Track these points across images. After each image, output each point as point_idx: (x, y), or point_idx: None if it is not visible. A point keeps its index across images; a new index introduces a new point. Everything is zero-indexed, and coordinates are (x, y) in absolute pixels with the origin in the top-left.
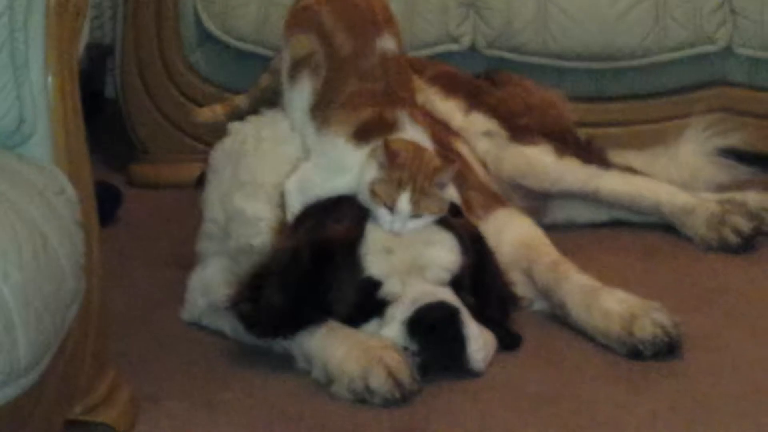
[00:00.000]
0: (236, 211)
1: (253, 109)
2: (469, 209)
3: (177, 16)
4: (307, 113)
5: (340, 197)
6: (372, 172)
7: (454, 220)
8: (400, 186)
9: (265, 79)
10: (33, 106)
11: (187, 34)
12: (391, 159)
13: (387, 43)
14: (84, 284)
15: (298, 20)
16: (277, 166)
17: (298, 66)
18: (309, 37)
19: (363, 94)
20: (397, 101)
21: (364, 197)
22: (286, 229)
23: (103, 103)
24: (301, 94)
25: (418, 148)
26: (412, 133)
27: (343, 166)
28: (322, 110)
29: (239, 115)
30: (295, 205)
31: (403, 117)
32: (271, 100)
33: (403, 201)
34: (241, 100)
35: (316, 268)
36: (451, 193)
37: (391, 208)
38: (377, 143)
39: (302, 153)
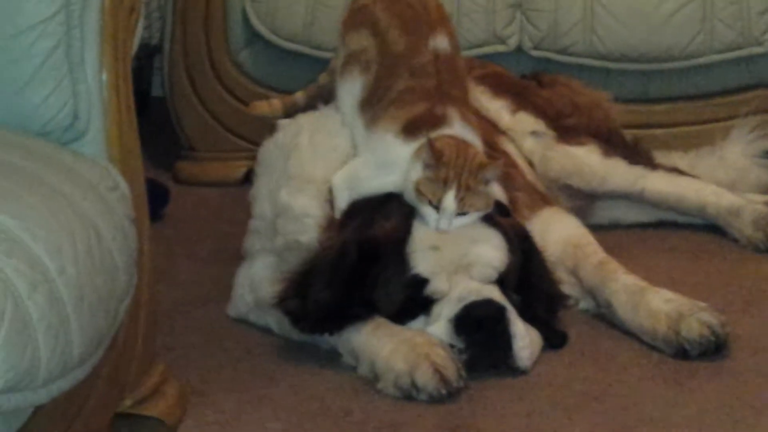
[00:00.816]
0: (283, 207)
1: (310, 107)
2: (516, 209)
3: (225, 16)
4: (357, 109)
5: (387, 195)
6: (417, 171)
7: (501, 218)
8: (445, 184)
9: (323, 78)
10: (87, 102)
11: (235, 33)
12: (436, 157)
13: (440, 42)
14: (135, 279)
15: (354, 18)
16: (329, 160)
17: (350, 61)
18: (362, 33)
19: (414, 91)
20: (448, 98)
21: (410, 196)
22: (333, 226)
23: (149, 102)
24: (351, 90)
25: (462, 145)
26: (461, 130)
27: (391, 162)
28: (372, 106)
29: (295, 112)
30: (342, 202)
31: (453, 114)
32: (327, 98)
33: (449, 199)
34: (299, 97)
35: (362, 265)
36: (498, 193)
37: (437, 207)
38: (424, 138)
39: (353, 148)
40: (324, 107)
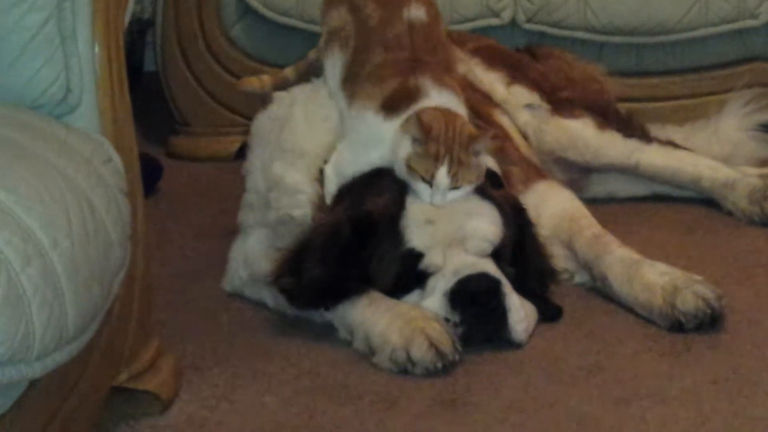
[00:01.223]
0: (276, 180)
1: (300, 83)
2: (510, 182)
3: None
4: (340, 87)
5: (379, 171)
6: (406, 148)
7: (495, 191)
8: (437, 160)
9: (313, 54)
10: (80, 76)
11: (228, 7)
12: (425, 132)
13: (415, 12)
14: (130, 253)
15: None
16: (321, 131)
17: (331, 39)
18: (341, 10)
19: (387, 64)
20: (420, 68)
21: (401, 172)
22: (325, 204)
23: (142, 77)
24: (333, 68)
25: (449, 116)
26: (439, 98)
27: (374, 140)
28: (351, 83)
29: (286, 87)
30: (331, 187)
31: (425, 83)
32: (317, 74)
33: (442, 174)
34: (289, 73)
35: (356, 240)
36: (492, 165)
37: (430, 182)
38: (406, 113)
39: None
40: (317, 80)
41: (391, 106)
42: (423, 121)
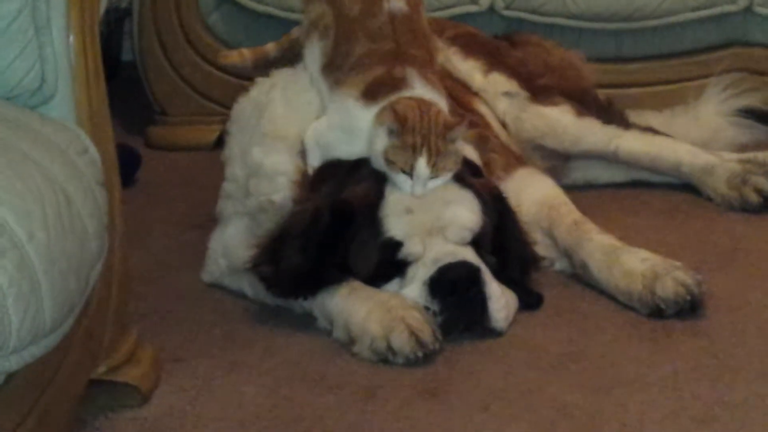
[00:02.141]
0: (256, 166)
1: (281, 59)
2: (490, 170)
3: None
4: (321, 74)
5: (359, 160)
6: (383, 139)
7: (474, 179)
8: (415, 150)
9: (296, 31)
10: (55, 66)
11: None
12: (400, 123)
13: (395, 4)
14: (107, 244)
15: None
16: (302, 115)
17: (311, 29)
18: (320, 1)
19: (372, 54)
20: (407, 60)
21: (379, 164)
22: (306, 183)
23: (120, 67)
24: (312, 56)
25: (423, 105)
26: (422, 90)
27: (355, 128)
28: (333, 71)
29: (265, 63)
30: (314, 159)
31: (412, 74)
32: (299, 52)
33: (421, 165)
34: (270, 48)
35: (335, 229)
36: (471, 154)
37: (410, 173)
38: (386, 101)
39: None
40: (299, 64)
41: (371, 93)
42: (398, 112)
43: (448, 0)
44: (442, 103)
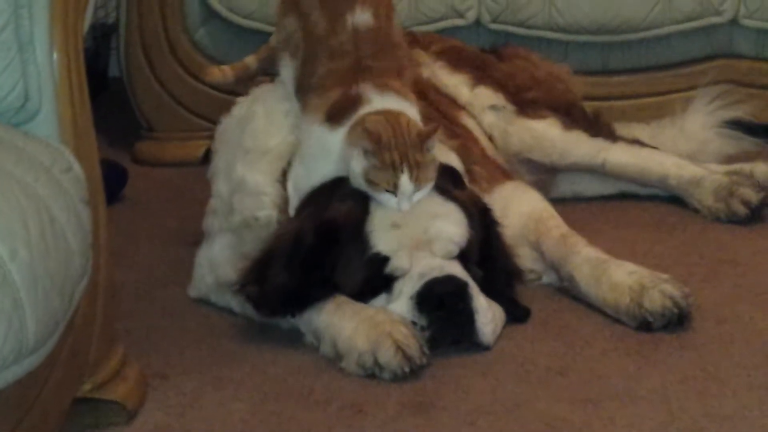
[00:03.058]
0: (239, 182)
1: (263, 70)
2: (476, 183)
3: None
4: (294, 95)
5: (341, 178)
6: (360, 160)
7: (460, 192)
8: (395, 168)
9: (274, 40)
10: (38, 83)
11: (191, 11)
12: (375, 142)
13: (360, 17)
14: (91, 262)
15: (286, 3)
16: (282, 126)
17: (284, 47)
18: (291, 18)
19: (331, 74)
20: (362, 74)
21: (359, 185)
22: (288, 210)
23: (107, 83)
24: (287, 75)
25: (392, 118)
26: (381, 102)
27: (323, 152)
28: (302, 94)
29: (247, 75)
30: (293, 204)
31: (365, 89)
32: (278, 62)
33: (405, 182)
34: (251, 61)
35: (320, 247)
36: (454, 160)
37: (394, 191)
38: (349, 122)
39: None
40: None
41: (334, 117)
42: (371, 131)
43: (434, 14)
44: (410, 110)
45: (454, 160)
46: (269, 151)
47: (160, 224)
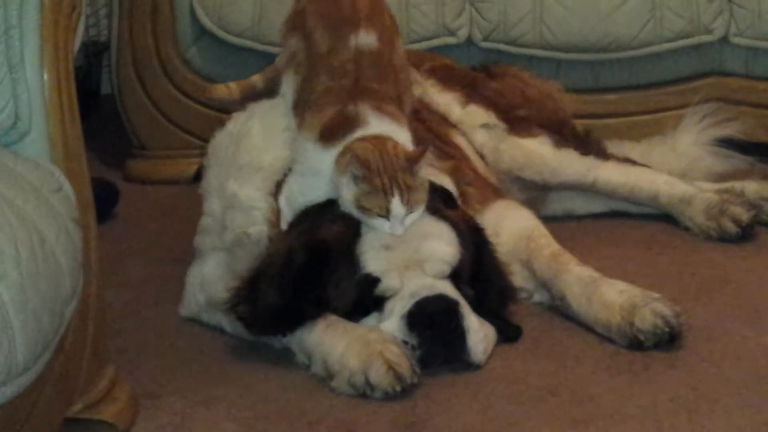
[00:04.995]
0: (231, 198)
1: (268, 90)
2: (467, 202)
3: (172, 12)
4: (291, 111)
5: (331, 200)
6: (350, 187)
7: (451, 212)
8: (386, 193)
9: (281, 60)
10: (29, 103)
11: (183, 30)
12: (365, 168)
13: (364, 39)
14: (82, 281)
15: (293, 20)
16: (279, 142)
17: (288, 64)
18: (296, 36)
19: (330, 92)
20: (363, 95)
21: (350, 211)
22: (281, 230)
23: (99, 101)
24: (287, 94)
25: (379, 143)
26: (378, 125)
27: (315, 170)
28: (299, 111)
29: (253, 95)
30: (286, 218)
31: (365, 110)
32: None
33: (396, 206)
34: (257, 80)
35: (311, 267)
36: (447, 183)
37: (386, 216)
38: (343, 142)
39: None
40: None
41: (328, 135)
42: (360, 157)
43: (426, 32)
44: (402, 135)
45: (447, 183)
46: (264, 167)
47: (152, 242)
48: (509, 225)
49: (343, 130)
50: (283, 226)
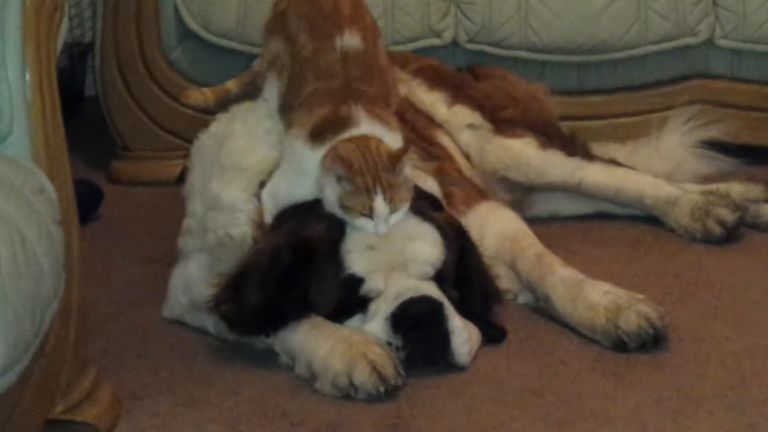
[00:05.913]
0: (214, 199)
1: (244, 95)
2: (452, 203)
3: (157, 13)
4: (278, 114)
5: (317, 199)
6: (333, 187)
7: (436, 213)
8: (369, 192)
9: (256, 65)
10: (10, 103)
11: (168, 31)
12: (348, 168)
13: (349, 40)
14: (63, 283)
15: (272, 25)
16: (262, 145)
17: (270, 67)
18: (277, 39)
19: (319, 93)
20: (354, 97)
21: (334, 211)
22: (265, 229)
23: (83, 101)
24: (271, 95)
25: (361, 143)
26: (368, 127)
27: (303, 169)
28: (286, 112)
29: (228, 100)
30: (268, 214)
31: (357, 112)
32: (261, 86)
33: (379, 204)
34: (232, 85)
35: (296, 266)
36: (433, 186)
37: (369, 215)
38: (333, 142)
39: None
40: (260, 97)
41: (318, 135)
42: (342, 157)
43: (411, 34)
44: (391, 137)
45: (431, 185)
46: (247, 169)
47: (135, 244)
48: (494, 226)
49: (333, 130)
50: (267, 219)
